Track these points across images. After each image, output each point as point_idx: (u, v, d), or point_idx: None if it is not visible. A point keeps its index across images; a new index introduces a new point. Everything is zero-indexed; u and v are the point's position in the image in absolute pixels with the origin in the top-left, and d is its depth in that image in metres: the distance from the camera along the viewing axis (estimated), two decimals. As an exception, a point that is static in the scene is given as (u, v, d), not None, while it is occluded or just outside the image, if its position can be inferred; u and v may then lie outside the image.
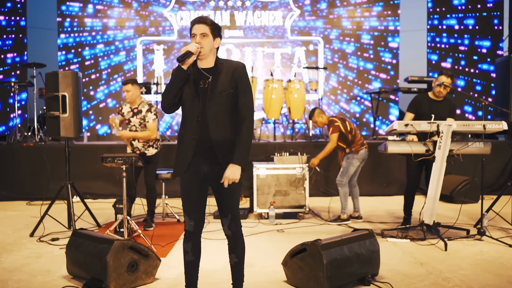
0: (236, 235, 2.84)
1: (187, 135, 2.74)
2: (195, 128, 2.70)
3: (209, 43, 2.70)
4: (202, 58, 2.73)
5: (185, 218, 2.83)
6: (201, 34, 2.69)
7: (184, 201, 2.83)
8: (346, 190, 5.42)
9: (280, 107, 7.75)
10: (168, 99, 2.73)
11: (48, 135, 5.74)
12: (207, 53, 2.71)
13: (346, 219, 5.39)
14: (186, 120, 2.75)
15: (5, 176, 6.99)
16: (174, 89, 2.70)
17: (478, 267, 3.78)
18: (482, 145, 4.61)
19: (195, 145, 2.71)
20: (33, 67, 7.77)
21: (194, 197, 2.79)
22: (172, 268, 3.77)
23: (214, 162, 2.73)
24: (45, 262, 3.98)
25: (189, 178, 2.76)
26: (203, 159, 2.73)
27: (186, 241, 2.84)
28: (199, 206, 2.82)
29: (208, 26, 2.70)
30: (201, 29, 2.69)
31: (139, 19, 9.10)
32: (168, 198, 6.17)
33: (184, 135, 2.76)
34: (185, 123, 2.76)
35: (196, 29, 2.70)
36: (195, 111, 2.70)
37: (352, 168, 5.40)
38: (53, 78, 4.98)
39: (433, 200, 4.54)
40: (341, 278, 3.23)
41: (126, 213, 4.36)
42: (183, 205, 2.84)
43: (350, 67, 9.22)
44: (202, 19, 2.72)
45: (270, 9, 9.16)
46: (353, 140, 5.34)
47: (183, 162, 2.74)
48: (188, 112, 2.74)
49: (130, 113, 5.05)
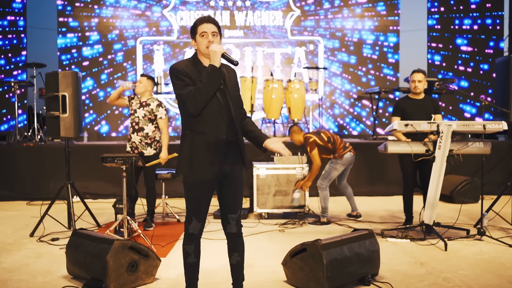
0: (239, 233, 2.87)
1: (211, 136, 2.66)
2: (221, 128, 2.67)
3: (219, 42, 2.71)
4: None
5: (192, 221, 2.74)
6: (212, 33, 2.67)
7: (196, 203, 2.74)
8: (326, 193, 5.38)
9: (280, 107, 7.74)
10: (203, 101, 2.60)
11: (48, 135, 5.73)
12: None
13: (326, 222, 5.34)
14: (206, 120, 2.65)
15: (5, 176, 6.99)
16: (212, 91, 2.60)
17: (478, 267, 3.78)
18: (482, 145, 4.62)
19: (224, 146, 2.68)
20: (33, 67, 7.77)
21: (208, 199, 2.77)
22: (172, 268, 3.77)
23: (237, 161, 2.75)
24: (45, 262, 3.98)
25: (208, 180, 2.71)
26: (225, 159, 2.71)
27: (189, 243, 2.79)
28: (208, 208, 2.82)
29: (217, 26, 2.71)
30: (211, 28, 2.68)
31: (139, 19, 9.10)
32: (168, 198, 6.17)
33: (205, 136, 2.66)
34: (205, 123, 2.66)
35: (206, 27, 2.67)
36: (220, 110, 2.67)
37: (335, 172, 5.35)
38: (53, 78, 4.98)
39: (433, 200, 4.54)
40: (341, 278, 3.23)
41: (126, 213, 4.36)
42: (194, 208, 2.74)
43: (350, 67, 9.22)
44: (211, 18, 2.71)
45: (270, 9, 9.16)
46: (334, 147, 5.30)
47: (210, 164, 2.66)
48: (210, 112, 2.65)
49: (138, 105, 5.06)
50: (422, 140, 4.64)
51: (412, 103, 5.03)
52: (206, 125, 2.66)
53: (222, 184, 2.79)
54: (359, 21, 9.23)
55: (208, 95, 2.59)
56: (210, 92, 2.59)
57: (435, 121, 4.53)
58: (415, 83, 4.97)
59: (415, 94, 5.03)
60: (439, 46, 9.30)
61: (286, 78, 8.67)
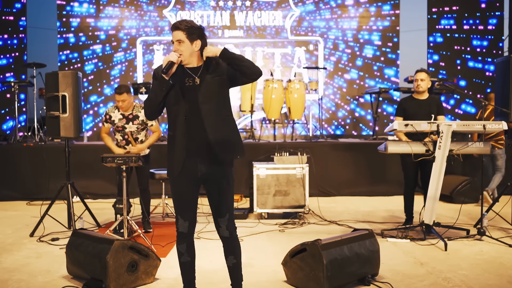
0: (233, 236, 2.84)
1: (177, 135, 2.71)
2: (184, 127, 2.68)
3: (187, 48, 2.67)
4: (184, 64, 2.71)
5: (178, 220, 2.80)
6: (177, 41, 2.67)
7: (177, 201, 2.81)
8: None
9: (280, 107, 7.74)
10: (151, 108, 2.71)
11: (48, 135, 5.73)
12: (188, 58, 2.69)
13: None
14: (175, 120, 2.71)
15: (5, 176, 6.99)
16: (158, 98, 2.66)
17: (478, 267, 3.78)
18: (482, 145, 4.62)
19: (185, 144, 2.69)
20: (33, 67, 7.77)
21: (190, 198, 2.79)
22: (172, 268, 3.77)
23: (213, 162, 2.71)
24: (45, 262, 3.98)
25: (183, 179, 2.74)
26: (200, 159, 2.71)
27: (180, 242, 2.85)
28: (194, 207, 2.82)
29: (182, 31, 2.65)
30: (176, 36, 2.67)
31: (139, 19, 9.10)
32: (168, 198, 6.17)
33: (173, 135, 2.74)
34: (172, 123, 2.73)
35: (173, 36, 2.69)
36: (182, 110, 2.68)
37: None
38: (53, 78, 4.98)
39: (433, 200, 4.54)
40: (341, 278, 3.23)
41: (126, 213, 4.36)
42: (176, 206, 2.82)
43: (349, 67, 9.22)
44: (175, 25, 2.68)
45: (270, 9, 9.15)
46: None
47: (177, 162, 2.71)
48: (175, 112, 2.70)
49: (123, 120, 4.85)
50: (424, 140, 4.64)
51: (415, 103, 5.03)
52: (173, 125, 2.74)
53: (206, 186, 2.80)
54: (359, 21, 9.22)
55: (153, 102, 2.68)
56: (156, 100, 2.67)
57: (435, 121, 4.53)
58: (418, 82, 4.97)
59: (418, 94, 5.03)
60: (439, 46, 9.29)
61: (286, 78, 8.67)
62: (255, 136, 7.96)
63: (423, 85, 4.96)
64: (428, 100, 5.02)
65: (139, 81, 8.98)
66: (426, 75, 4.97)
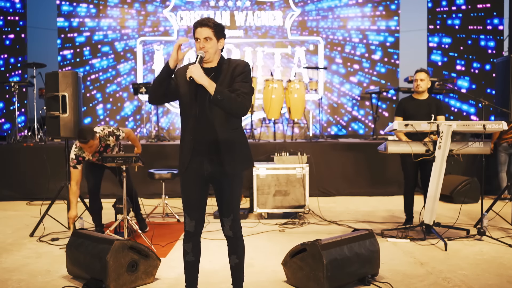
0: (237, 236, 2.84)
1: (185, 136, 2.74)
2: (191, 129, 2.70)
3: (213, 46, 2.65)
4: (207, 62, 2.69)
5: (185, 218, 2.81)
6: (204, 39, 2.63)
7: (184, 200, 2.83)
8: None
9: (280, 107, 7.74)
10: (155, 91, 2.69)
11: (48, 135, 5.73)
12: (212, 56, 2.68)
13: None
14: (186, 120, 2.74)
15: (5, 176, 6.99)
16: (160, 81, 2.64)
17: (478, 267, 3.78)
18: (482, 145, 4.62)
19: (193, 144, 2.70)
20: (33, 67, 7.76)
21: (197, 197, 2.79)
22: (172, 268, 3.77)
23: (219, 164, 2.71)
24: (45, 262, 3.98)
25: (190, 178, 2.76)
26: (207, 158, 2.71)
27: (187, 241, 2.84)
28: (201, 206, 2.82)
29: (211, 28, 2.63)
30: (204, 33, 2.63)
31: (139, 19, 9.10)
32: (168, 198, 6.17)
33: (183, 135, 2.77)
34: (185, 123, 2.76)
35: (198, 33, 2.64)
36: (193, 111, 2.68)
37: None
38: (53, 78, 4.98)
39: (433, 200, 4.54)
40: (341, 278, 3.23)
41: (126, 213, 4.36)
42: (184, 205, 2.83)
43: (349, 67, 9.22)
44: (204, 21, 2.65)
45: (270, 9, 9.15)
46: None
47: (184, 161, 2.74)
48: (186, 112, 2.73)
49: (97, 154, 4.58)
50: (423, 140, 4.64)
51: (414, 103, 5.03)
52: (183, 125, 2.77)
53: (213, 186, 2.81)
54: (359, 21, 9.22)
55: (154, 84, 2.67)
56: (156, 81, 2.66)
57: (435, 121, 4.53)
58: (417, 82, 4.98)
59: (418, 94, 5.03)
60: (439, 46, 9.29)
61: (286, 78, 8.67)
62: (255, 136, 7.96)
63: (423, 85, 4.96)
64: (428, 100, 5.02)
65: (139, 81, 8.98)
66: (426, 75, 4.97)
